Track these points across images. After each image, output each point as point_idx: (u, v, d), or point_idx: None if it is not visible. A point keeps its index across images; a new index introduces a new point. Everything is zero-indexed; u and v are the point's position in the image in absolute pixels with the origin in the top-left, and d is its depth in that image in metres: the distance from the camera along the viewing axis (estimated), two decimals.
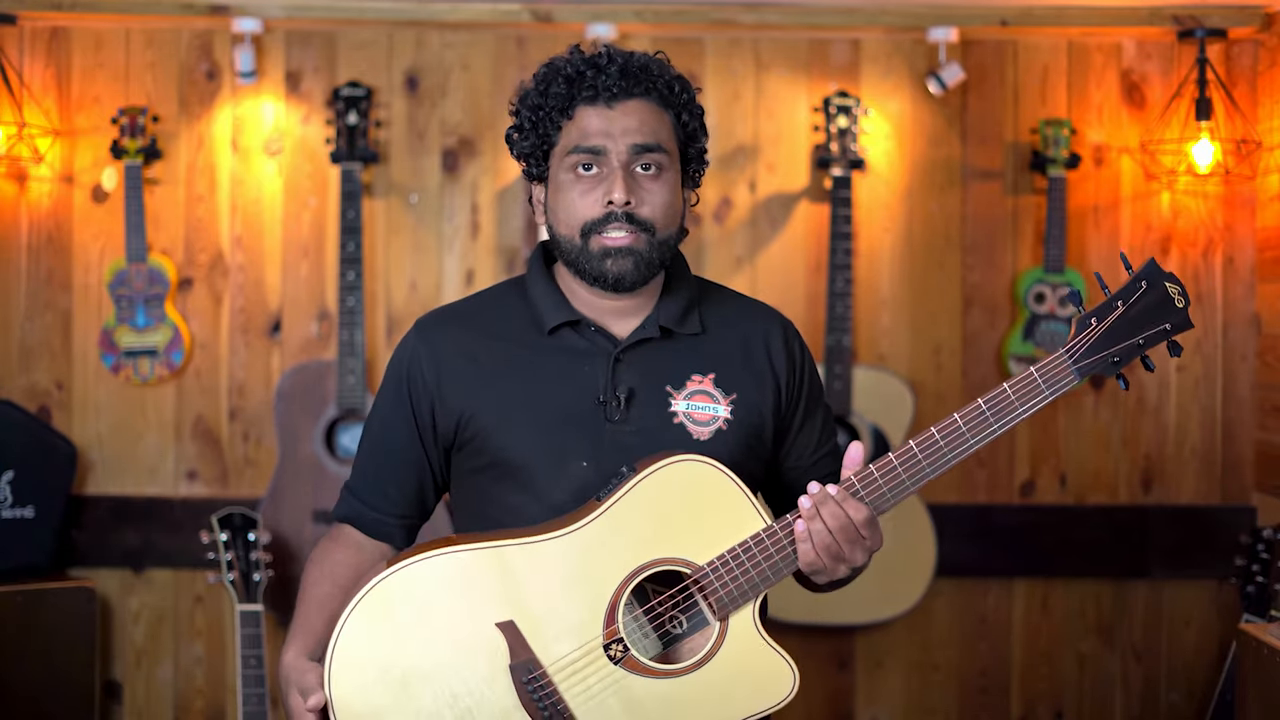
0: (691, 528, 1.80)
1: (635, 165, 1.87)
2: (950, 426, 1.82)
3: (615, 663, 1.78)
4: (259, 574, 3.43)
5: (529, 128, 1.91)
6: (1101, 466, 3.88)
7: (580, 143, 1.87)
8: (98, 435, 3.81)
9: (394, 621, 1.76)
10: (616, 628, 1.78)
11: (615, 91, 1.86)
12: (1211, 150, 3.70)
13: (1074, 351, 1.80)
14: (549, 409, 1.89)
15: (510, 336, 1.94)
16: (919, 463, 1.81)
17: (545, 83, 1.90)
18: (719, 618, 1.80)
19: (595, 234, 1.86)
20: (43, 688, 3.50)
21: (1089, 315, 1.82)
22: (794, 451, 2.00)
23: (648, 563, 1.79)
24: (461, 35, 3.83)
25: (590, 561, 1.79)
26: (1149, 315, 1.81)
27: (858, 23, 3.77)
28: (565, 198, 1.88)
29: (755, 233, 3.85)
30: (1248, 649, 2.96)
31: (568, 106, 1.88)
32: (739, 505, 1.81)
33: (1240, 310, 3.85)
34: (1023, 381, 1.80)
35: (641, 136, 1.87)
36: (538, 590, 1.78)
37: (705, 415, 1.90)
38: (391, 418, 1.98)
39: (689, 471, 1.81)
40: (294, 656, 1.84)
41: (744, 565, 1.79)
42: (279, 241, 3.83)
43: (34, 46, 3.79)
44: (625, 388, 1.89)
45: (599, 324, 1.93)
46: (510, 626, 1.77)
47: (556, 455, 1.87)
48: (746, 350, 1.97)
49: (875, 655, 3.87)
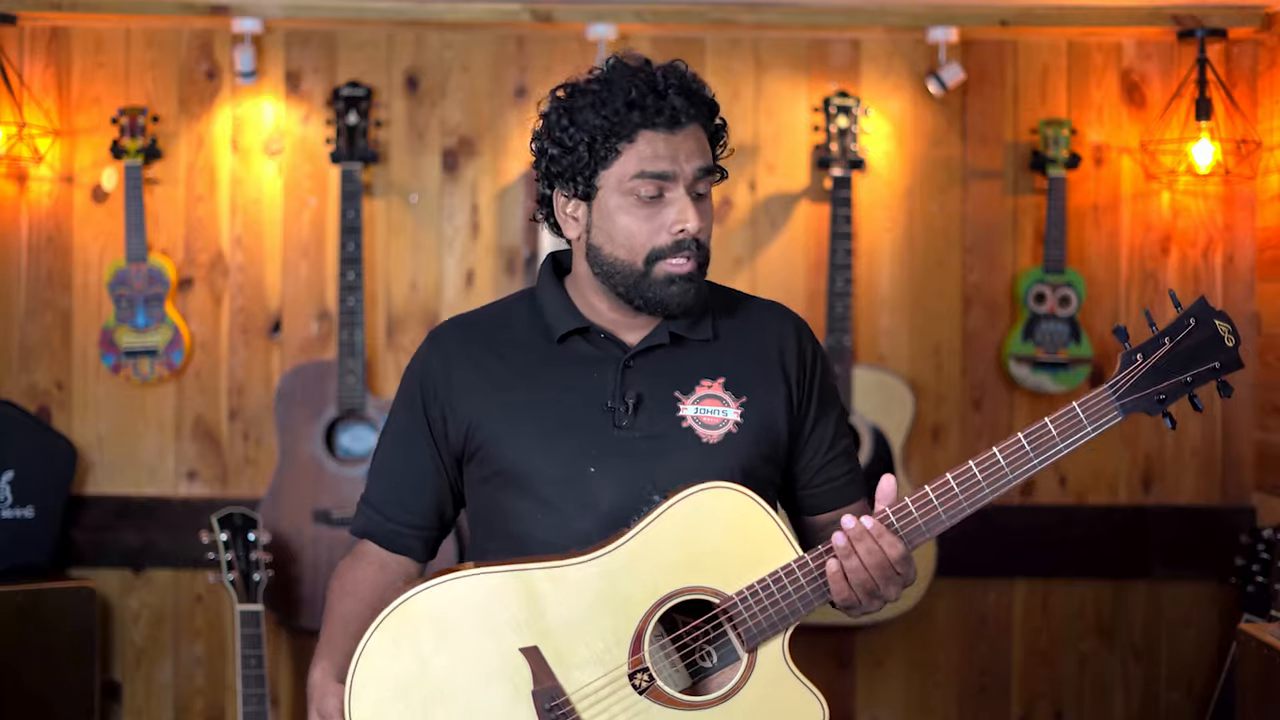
0: (721, 556, 1.77)
1: (696, 190, 1.87)
2: (989, 461, 1.77)
3: (640, 693, 1.75)
4: (259, 574, 3.43)
5: (577, 147, 1.85)
6: (1101, 466, 3.88)
7: (647, 168, 1.83)
8: (98, 435, 3.81)
9: (416, 643, 1.75)
10: (642, 656, 1.75)
11: (679, 119, 1.84)
12: (1211, 150, 3.70)
13: (1118, 387, 1.77)
14: (557, 416, 1.88)
15: (520, 345, 1.94)
16: (956, 497, 1.77)
17: (600, 104, 1.84)
18: (747, 649, 1.77)
19: (661, 260, 1.85)
20: (43, 688, 3.49)
21: (1134, 351, 1.78)
22: (808, 451, 1.98)
23: (675, 591, 1.77)
24: (461, 35, 3.83)
25: (617, 588, 1.76)
26: (1198, 353, 1.77)
27: (858, 23, 3.77)
28: (625, 221, 1.85)
29: (755, 233, 3.85)
30: (1248, 649, 2.96)
31: (631, 130, 1.83)
32: (770, 534, 1.79)
33: (1240, 310, 3.85)
34: (1065, 417, 1.76)
35: (702, 160, 1.86)
36: (562, 616, 1.75)
37: (715, 419, 1.88)
38: (406, 429, 1.97)
39: (720, 499, 1.78)
40: (320, 676, 1.83)
41: (774, 596, 1.76)
42: (279, 241, 3.83)
43: (34, 46, 3.79)
44: (634, 393, 1.88)
45: (609, 331, 1.93)
46: (534, 652, 1.75)
47: (564, 462, 1.86)
48: (758, 352, 1.95)
49: (875, 655, 3.87)
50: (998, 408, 3.87)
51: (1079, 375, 3.78)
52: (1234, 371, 1.78)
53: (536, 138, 1.92)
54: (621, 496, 1.84)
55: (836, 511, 1.98)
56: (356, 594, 1.92)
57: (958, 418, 3.87)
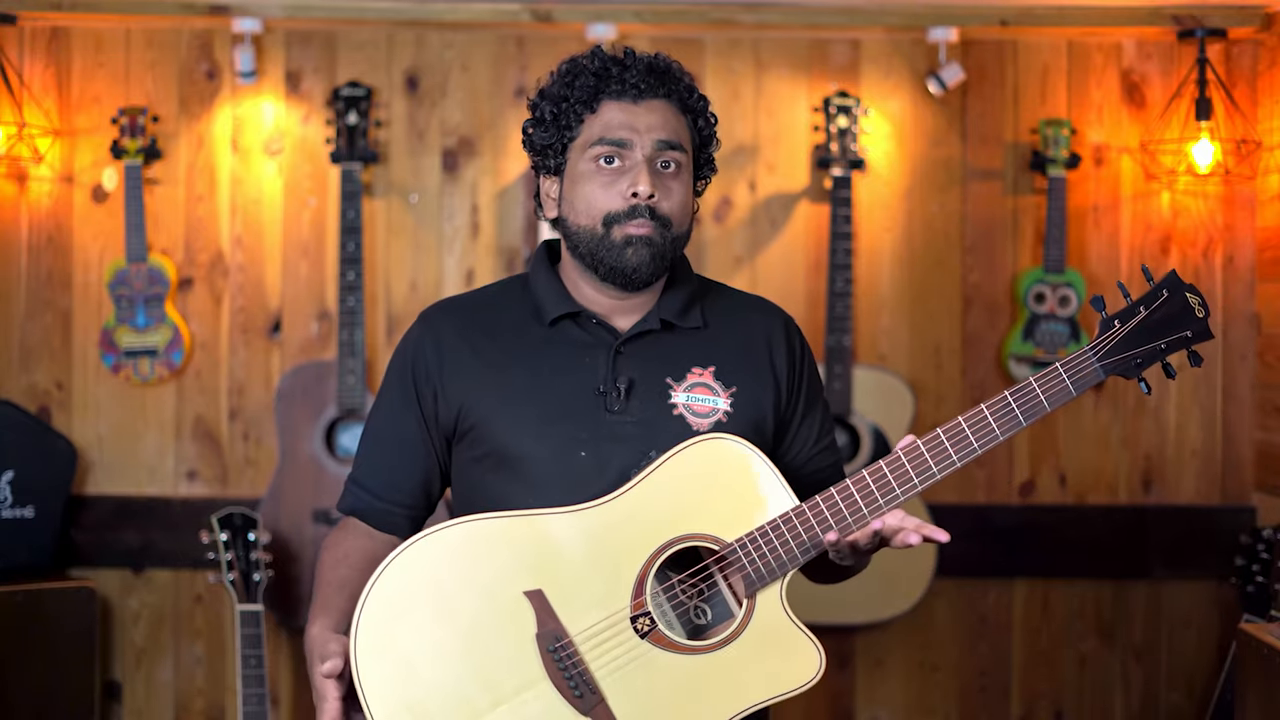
0: (720, 505, 1.82)
1: (657, 162, 1.90)
2: (977, 416, 1.82)
3: (642, 636, 1.78)
4: (259, 574, 3.43)
5: (549, 120, 1.93)
6: (1101, 466, 3.88)
7: (605, 135, 1.88)
8: (98, 435, 3.81)
9: (422, 586, 1.77)
10: (644, 600, 1.78)
11: (641, 89, 1.90)
12: (1211, 150, 3.70)
13: (1099, 349, 1.83)
14: (548, 399, 1.90)
15: (511, 328, 1.96)
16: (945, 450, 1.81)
17: (569, 76, 1.92)
18: (746, 595, 1.80)
19: (617, 225, 1.88)
20: (43, 688, 3.50)
21: (1112, 317, 1.84)
22: (795, 445, 2.01)
23: (676, 538, 1.81)
24: (461, 35, 3.83)
25: (619, 535, 1.80)
26: (1170, 322, 1.84)
27: (858, 23, 3.77)
28: (586, 189, 1.90)
29: (755, 233, 3.85)
30: (1248, 649, 2.96)
31: (592, 100, 1.90)
32: (768, 484, 1.83)
33: (1240, 310, 3.85)
34: (1048, 376, 1.82)
35: (665, 133, 1.90)
36: (566, 561, 1.79)
37: (705, 407, 1.91)
38: (396, 407, 1.99)
39: (718, 449, 1.83)
40: (318, 630, 1.84)
41: (773, 543, 1.80)
42: (279, 241, 3.83)
43: (34, 46, 3.79)
44: (625, 379, 1.90)
45: (600, 316, 1.95)
46: (538, 595, 1.77)
47: (555, 445, 1.88)
48: (748, 345, 1.98)
49: (875, 655, 3.87)
50: None
51: None
52: (1204, 341, 1.86)
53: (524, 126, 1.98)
54: (612, 480, 1.85)
55: None
56: (349, 561, 1.93)
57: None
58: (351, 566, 1.92)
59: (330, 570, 1.94)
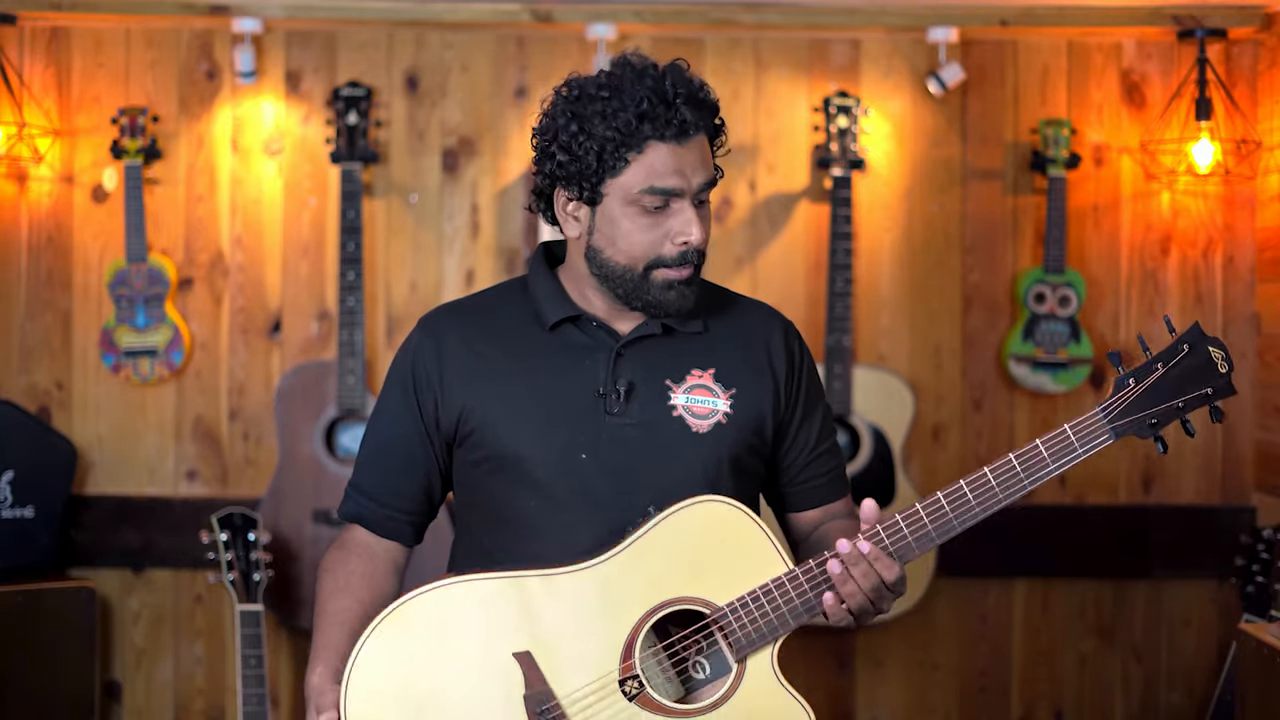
0: (713, 568, 1.80)
1: (698, 199, 1.88)
2: (980, 481, 1.81)
3: (630, 699, 1.77)
4: (259, 574, 3.43)
5: (586, 155, 1.84)
6: (1101, 466, 3.88)
7: (655, 183, 1.84)
8: (98, 435, 3.81)
9: (412, 645, 1.77)
10: (633, 663, 1.78)
11: (690, 130, 1.85)
12: (1211, 150, 3.70)
13: (1110, 410, 1.80)
14: (548, 402, 1.90)
15: (512, 332, 1.95)
16: (946, 516, 1.81)
17: (611, 112, 1.83)
18: (736, 659, 1.79)
19: (661, 268, 1.87)
20: (43, 688, 3.50)
21: (1127, 375, 1.80)
22: (794, 449, 2.01)
23: (667, 600, 1.80)
24: (461, 35, 3.83)
25: (610, 597, 1.79)
26: (1190, 378, 1.80)
27: (858, 23, 3.77)
28: (628, 229, 1.86)
29: (755, 233, 3.85)
30: (1248, 649, 2.96)
31: (640, 142, 1.83)
32: (761, 548, 1.81)
33: (1240, 310, 3.85)
34: (1056, 439, 1.80)
35: (706, 173, 1.88)
36: (556, 623, 1.78)
37: (704, 409, 1.91)
38: (396, 412, 1.98)
39: (712, 512, 1.82)
40: (319, 679, 1.84)
41: (764, 608, 1.79)
42: (279, 241, 3.83)
43: (34, 46, 3.79)
44: (625, 381, 1.90)
45: (601, 320, 1.94)
46: (526, 657, 1.77)
47: (555, 448, 1.88)
48: (747, 348, 1.98)
49: (875, 655, 3.87)
50: (998, 408, 3.87)
51: (1079, 375, 3.78)
52: (1226, 397, 1.81)
53: (539, 134, 1.91)
54: (611, 483, 1.86)
55: (820, 509, 2.03)
56: (350, 589, 1.93)
57: (958, 418, 3.87)
58: (351, 594, 1.92)
59: (330, 599, 1.93)
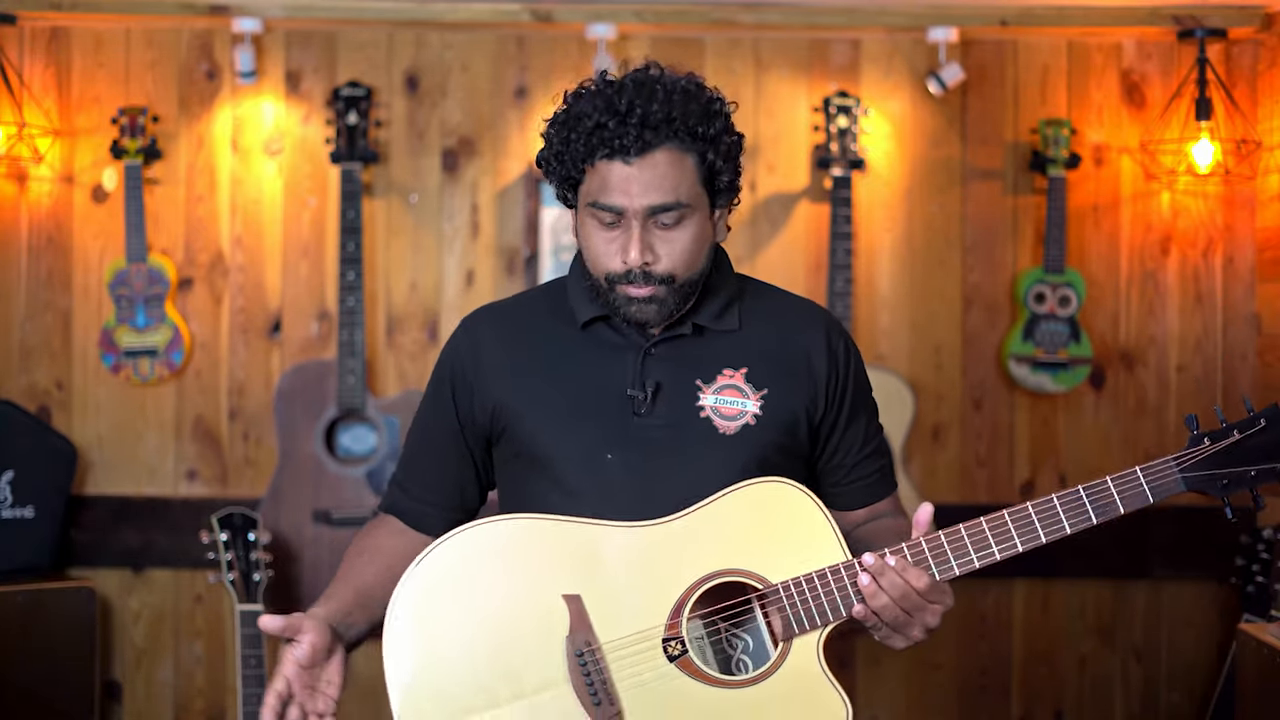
0: (772, 547, 1.81)
1: (653, 220, 1.84)
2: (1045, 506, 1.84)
3: (671, 659, 1.78)
4: (259, 574, 3.43)
5: (554, 166, 1.88)
6: (1101, 466, 3.87)
7: (599, 199, 1.83)
8: (98, 435, 3.81)
9: (466, 571, 1.79)
10: (679, 623, 1.78)
11: (636, 148, 1.81)
12: (1211, 150, 3.70)
13: (1183, 462, 1.82)
14: (577, 401, 1.91)
15: (547, 331, 1.97)
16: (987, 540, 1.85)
17: (570, 123, 1.84)
18: (783, 638, 1.80)
19: (619, 284, 1.86)
20: (43, 688, 3.49)
21: (1203, 434, 1.83)
22: (840, 449, 2.00)
23: (722, 570, 1.80)
24: (461, 35, 3.83)
25: (666, 557, 1.80)
26: (1265, 451, 1.82)
27: (858, 23, 3.77)
28: (589, 242, 1.88)
29: (755, 233, 3.85)
30: (1248, 649, 2.96)
31: (589, 155, 1.83)
32: (824, 535, 1.82)
33: (1240, 310, 3.85)
34: (1127, 479, 1.82)
35: (660, 195, 1.82)
36: (610, 572, 1.79)
37: (733, 410, 1.90)
38: (435, 410, 2.02)
39: (780, 493, 1.83)
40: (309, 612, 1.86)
41: (817, 592, 1.80)
42: (279, 241, 3.83)
43: (34, 46, 3.79)
44: (653, 381, 1.90)
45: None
46: (575, 600, 1.78)
47: (582, 447, 1.89)
48: (783, 348, 1.96)
49: (875, 655, 3.87)
50: (998, 408, 3.87)
51: (1079, 375, 3.78)
52: None
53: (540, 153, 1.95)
54: (637, 484, 1.86)
55: (867, 509, 2.04)
56: (370, 555, 1.95)
57: (958, 418, 3.87)
58: (371, 560, 1.94)
59: (351, 559, 1.97)
